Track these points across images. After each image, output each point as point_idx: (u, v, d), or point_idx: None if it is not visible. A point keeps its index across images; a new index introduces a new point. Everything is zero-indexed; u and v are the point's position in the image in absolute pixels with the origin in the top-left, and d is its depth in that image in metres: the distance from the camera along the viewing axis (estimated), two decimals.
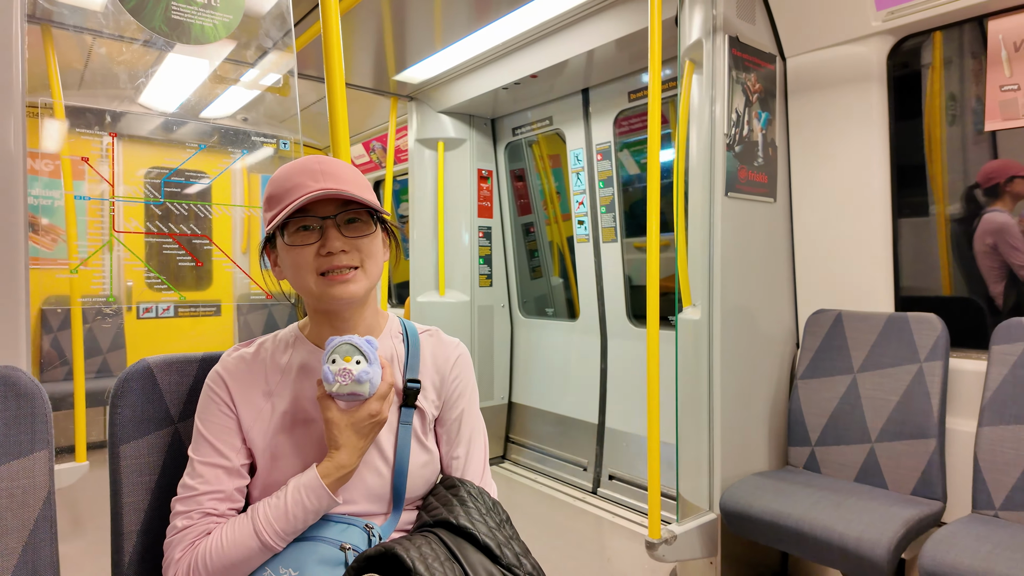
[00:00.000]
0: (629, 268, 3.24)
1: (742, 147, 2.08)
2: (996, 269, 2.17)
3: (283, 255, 0.91)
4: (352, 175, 0.92)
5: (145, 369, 0.97)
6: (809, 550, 1.68)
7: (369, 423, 0.87)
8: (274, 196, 0.90)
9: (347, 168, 0.93)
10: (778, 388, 2.24)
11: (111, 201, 1.64)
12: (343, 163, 0.93)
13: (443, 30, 2.79)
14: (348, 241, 0.89)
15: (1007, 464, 1.66)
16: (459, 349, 1.05)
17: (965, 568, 1.39)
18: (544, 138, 3.73)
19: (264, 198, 0.93)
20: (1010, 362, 1.73)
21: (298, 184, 0.88)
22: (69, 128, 1.62)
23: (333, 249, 0.87)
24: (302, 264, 0.88)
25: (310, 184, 0.88)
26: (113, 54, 1.64)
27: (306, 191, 0.87)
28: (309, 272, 0.88)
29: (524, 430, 3.83)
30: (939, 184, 2.31)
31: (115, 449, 0.94)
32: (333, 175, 0.90)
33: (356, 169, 0.96)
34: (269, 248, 0.95)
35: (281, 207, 0.88)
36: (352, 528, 0.90)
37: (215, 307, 1.96)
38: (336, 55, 1.35)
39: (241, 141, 1.85)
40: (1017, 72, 1.85)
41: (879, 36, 2.04)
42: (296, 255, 0.89)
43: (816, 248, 2.25)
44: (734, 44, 2.04)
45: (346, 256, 0.89)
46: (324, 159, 0.92)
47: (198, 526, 0.87)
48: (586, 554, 2.59)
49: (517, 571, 0.86)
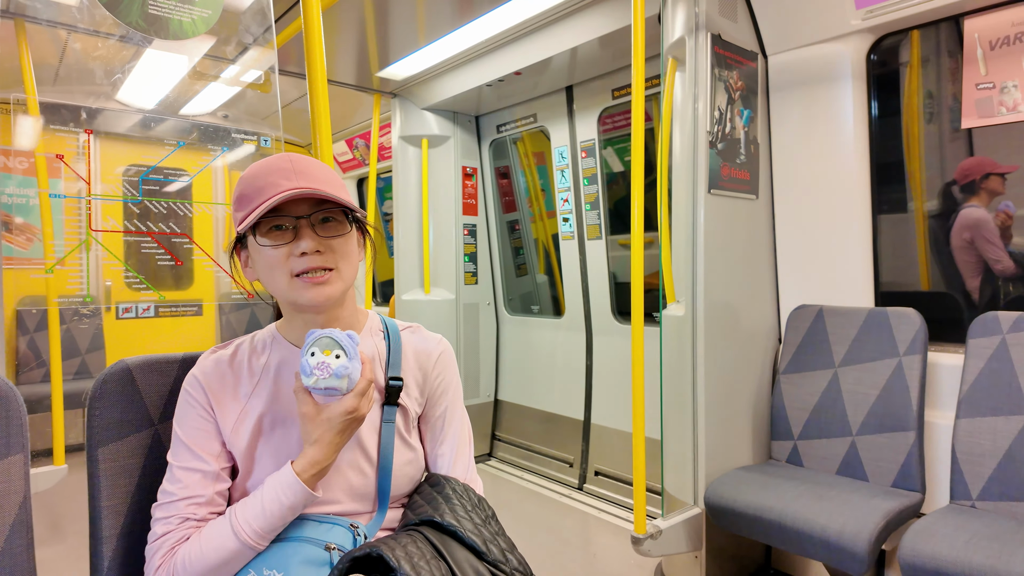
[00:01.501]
0: (614, 265, 3.25)
1: (725, 144, 2.10)
2: (973, 264, 2.21)
3: (255, 256, 0.89)
4: (326, 174, 0.91)
5: (124, 370, 0.95)
6: (792, 543, 1.70)
7: (345, 419, 0.85)
8: (245, 195, 0.88)
9: (320, 166, 0.91)
10: (761, 383, 2.26)
11: (88, 199, 1.61)
12: (316, 161, 0.92)
13: (426, 26, 2.78)
14: (322, 241, 0.87)
15: (983, 455, 1.69)
16: (441, 345, 1.04)
17: (943, 558, 1.41)
18: (529, 135, 3.73)
19: (234, 197, 0.90)
20: (986, 355, 1.76)
21: (270, 183, 0.86)
22: (44, 125, 1.59)
23: (307, 249, 0.85)
24: (275, 265, 0.87)
25: (283, 183, 0.86)
26: (89, 49, 1.60)
27: (279, 190, 0.85)
28: (282, 273, 0.87)
29: (510, 427, 3.83)
30: (917, 180, 2.34)
31: (93, 452, 0.92)
32: (306, 174, 0.88)
33: (329, 167, 0.94)
34: (240, 248, 0.93)
35: (253, 207, 0.85)
36: (337, 528, 0.89)
37: (196, 307, 1.93)
38: (318, 51, 1.33)
39: (221, 138, 1.83)
40: (992, 70, 1.88)
41: (858, 34, 2.06)
42: (269, 256, 0.87)
43: (798, 244, 2.28)
44: (716, 42, 2.05)
45: (320, 257, 0.87)
46: (296, 157, 0.90)
47: (178, 532, 0.86)
48: (573, 550, 2.60)
49: (503, 567, 0.86)
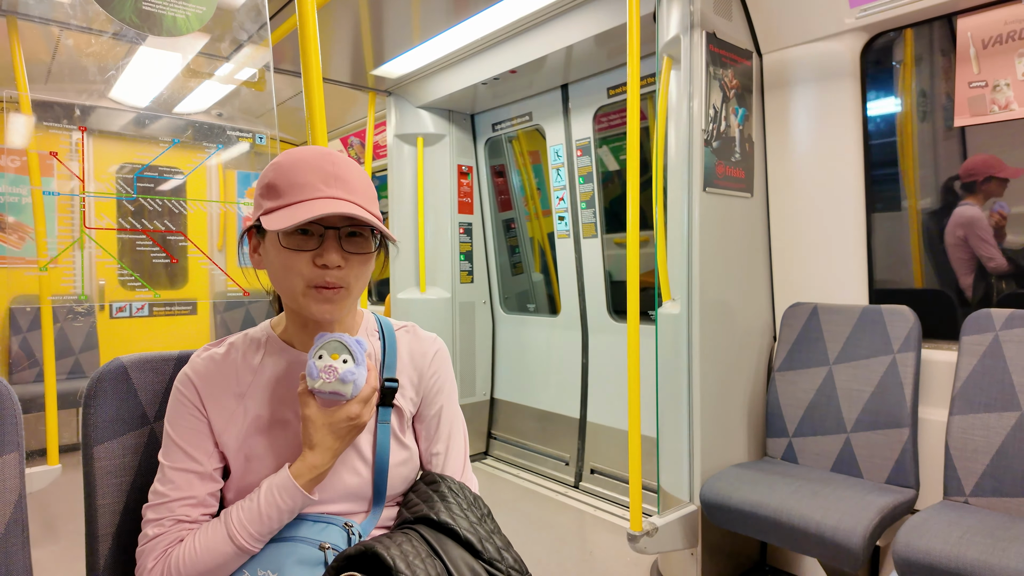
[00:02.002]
0: (609, 263, 3.26)
1: (720, 143, 2.10)
2: (966, 261, 2.22)
3: (272, 252, 0.86)
4: (364, 184, 0.87)
5: (119, 368, 0.95)
6: (787, 539, 1.71)
7: (347, 425, 0.85)
8: (276, 186, 0.84)
9: (360, 175, 0.88)
10: (756, 381, 2.27)
11: (82, 197, 1.60)
12: (356, 166, 0.88)
13: (421, 24, 2.77)
14: (345, 256, 0.85)
15: (976, 452, 1.70)
16: (436, 344, 1.03)
17: (937, 553, 1.42)
18: (524, 134, 3.72)
19: (264, 183, 0.86)
20: (979, 352, 1.77)
21: (308, 183, 0.83)
22: (36, 122, 1.58)
23: (330, 263, 0.83)
24: (292, 269, 0.84)
25: (321, 188, 0.83)
26: (81, 46, 1.59)
27: (317, 195, 0.82)
28: (298, 279, 0.84)
29: (506, 426, 3.83)
30: (911, 178, 2.35)
31: (89, 450, 0.91)
32: (345, 181, 0.84)
33: (367, 175, 0.91)
34: (254, 233, 0.90)
35: (284, 203, 0.83)
36: (331, 527, 0.89)
37: (191, 305, 1.92)
38: (313, 49, 1.33)
39: (216, 136, 1.82)
40: (985, 69, 1.89)
41: (852, 33, 2.07)
42: (288, 258, 0.84)
43: (792, 242, 2.28)
44: (711, 40, 2.05)
45: (339, 273, 0.85)
46: (338, 159, 0.87)
47: (170, 533, 0.85)
48: (569, 548, 2.60)
49: (499, 565, 0.86)
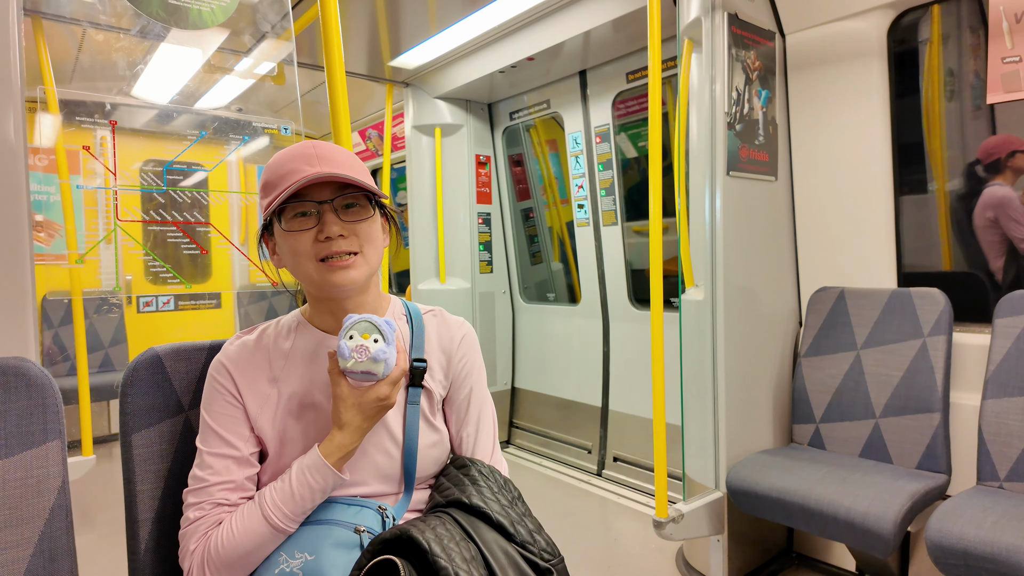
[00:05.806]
0: (630, 251, 3.24)
1: (743, 125, 2.07)
2: (997, 243, 2.17)
3: (281, 242, 0.90)
4: (348, 159, 0.91)
5: (154, 358, 0.97)
6: (816, 525, 1.70)
7: (376, 406, 0.86)
8: (270, 183, 0.89)
9: (343, 152, 0.92)
10: (782, 366, 2.25)
11: (113, 190, 1.63)
12: (338, 147, 0.92)
13: (437, 14, 2.76)
14: (346, 226, 0.88)
15: (1011, 436, 1.67)
16: (464, 328, 1.05)
17: (971, 539, 1.40)
18: (541, 123, 3.71)
19: (260, 186, 0.92)
20: (1013, 335, 1.73)
21: (293, 169, 0.87)
22: (64, 120, 1.61)
23: (331, 234, 0.86)
24: (300, 250, 0.87)
25: (305, 169, 0.87)
26: (105, 45, 1.62)
27: (302, 176, 0.86)
28: (308, 258, 0.87)
29: (528, 415, 3.85)
30: (938, 159, 2.30)
31: (127, 438, 0.94)
32: (329, 159, 0.89)
33: (352, 153, 0.95)
34: (267, 236, 0.94)
35: (276, 193, 0.87)
36: (366, 510, 0.90)
37: (216, 299, 1.95)
38: (335, 40, 1.33)
39: (241, 128, 1.84)
40: (1019, 43, 1.83)
41: (879, 11, 2.02)
42: (294, 241, 0.88)
43: (818, 225, 2.25)
44: (733, 21, 2.02)
45: (345, 241, 0.87)
46: (319, 143, 0.91)
47: (210, 516, 0.87)
48: (593, 535, 2.61)
49: (531, 547, 0.87)
